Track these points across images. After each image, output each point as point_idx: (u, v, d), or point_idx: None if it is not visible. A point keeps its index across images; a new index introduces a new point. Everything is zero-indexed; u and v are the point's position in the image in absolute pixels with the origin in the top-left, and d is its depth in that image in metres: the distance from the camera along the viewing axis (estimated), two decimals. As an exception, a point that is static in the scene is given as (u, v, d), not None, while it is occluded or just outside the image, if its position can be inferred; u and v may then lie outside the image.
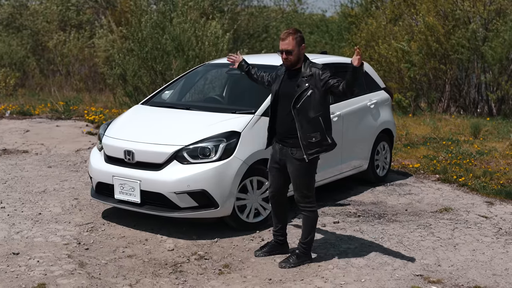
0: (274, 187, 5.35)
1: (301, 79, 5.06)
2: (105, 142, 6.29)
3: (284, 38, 5.08)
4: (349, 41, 18.79)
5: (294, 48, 5.06)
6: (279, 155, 5.22)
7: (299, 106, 5.02)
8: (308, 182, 5.17)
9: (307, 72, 5.05)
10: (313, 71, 5.05)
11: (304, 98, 5.01)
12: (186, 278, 4.98)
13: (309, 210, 5.22)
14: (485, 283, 4.96)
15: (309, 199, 5.19)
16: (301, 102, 5.01)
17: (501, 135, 11.77)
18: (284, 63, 5.15)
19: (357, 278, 4.99)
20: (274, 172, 5.31)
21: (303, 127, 5.02)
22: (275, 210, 5.44)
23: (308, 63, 5.12)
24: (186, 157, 5.80)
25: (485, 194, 7.68)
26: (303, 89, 5.02)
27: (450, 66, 15.37)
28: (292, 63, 5.10)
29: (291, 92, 5.08)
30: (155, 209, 5.87)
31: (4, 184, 7.52)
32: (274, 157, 5.28)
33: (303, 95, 5.01)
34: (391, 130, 8.30)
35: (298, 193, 5.19)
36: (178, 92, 7.36)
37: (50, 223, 6.17)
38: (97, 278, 4.90)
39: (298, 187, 5.17)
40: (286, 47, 5.06)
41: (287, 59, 5.09)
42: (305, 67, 5.10)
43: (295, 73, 5.14)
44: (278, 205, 5.40)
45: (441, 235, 6.06)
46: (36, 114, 12.55)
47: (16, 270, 5.00)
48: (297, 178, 5.15)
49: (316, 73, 5.03)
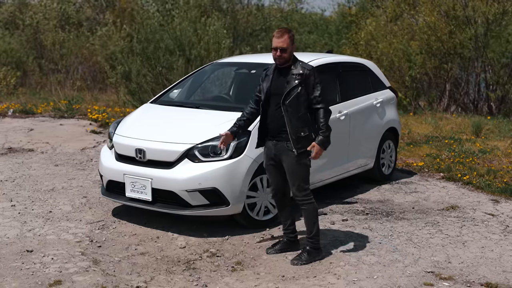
0: (274, 184, 5.43)
1: (291, 76, 5.16)
2: (115, 141, 6.33)
3: (279, 36, 5.15)
4: (349, 40, 18.84)
5: (288, 46, 5.15)
6: (274, 151, 5.29)
7: (288, 103, 5.13)
8: (303, 174, 5.25)
9: (297, 71, 5.16)
10: (303, 71, 5.15)
11: (293, 95, 5.12)
12: (199, 275, 5.03)
13: (307, 203, 5.29)
14: (496, 279, 5.02)
15: (306, 192, 5.27)
16: (290, 99, 5.12)
17: (502, 133, 11.86)
18: (276, 60, 5.22)
19: (369, 275, 5.04)
20: (272, 169, 5.39)
21: (292, 122, 5.13)
22: (279, 207, 5.51)
23: (298, 61, 5.24)
24: (197, 156, 5.85)
25: (490, 192, 7.75)
26: (292, 86, 5.13)
27: (451, 65, 15.45)
28: (285, 61, 5.18)
29: (281, 89, 5.18)
30: (167, 207, 5.92)
31: (12, 183, 7.55)
32: (269, 155, 5.36)
33: (293, 92, 5.12)
34: (397, 128, 8.36)
35: (295, 187, 5.26)
36: (186, 91, 7.40)
37: (62, 221, 6.20)
38: (112, 275, 4.94)
39: (294, 180, 5.24)
40: (282, 45, 5.14)
41: (281, 57, 5.17)
42: (295, 65, 5.21)
43: (285, 71, 5.23)
44: (281, 202, 5.48)
45: (449, 233, 6.12)
46: (38, 113, 12.57)
47: (31, 267, 5.04)
48: (293, 170, 5.22)
49: (306, 73, 5.14)
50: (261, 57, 8.00)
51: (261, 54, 9.58)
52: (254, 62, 7.47)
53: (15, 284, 4.72)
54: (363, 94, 7.79)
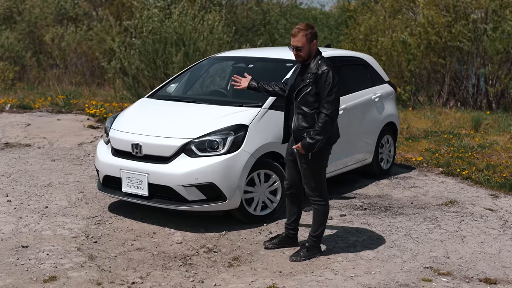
0: (290, 179, 5.38)
1: (307, 75, 5.08)
2: (112, 135, 6.28)
3: (295, 35, 5.07)
4: (347, 35, 18.78)
5: (304, 45, 5.05)
6: (291, 149, 5.27)
7: (299, 100, 5.08)
8: (316, 175, 5.17)
9: (313, 70, 5.05)
10: (318, 71, 5.01)
11: (303, 94, 5.05)
12: (196, 271, 4.99)
13: (319, 204, 5.23)
14: (495, 275, 4.98)
15: (319, 193, 5.20)
16: (300, 97, 5.07)
17: (501, 128, 11.81)
18: (295, 58, 5.18)
19: (367, 271, 5.00)
20: (289, 164, 5.36)
21: (298, 120, 5.09)
22: (290, 202, 5.46)
23: (317, 59, 5.07)
24: (194, 150, 5.80)
25: (489, 187, 7.71)
26: (304, 84, 5.06)
27: (449, 60, 15.39)
28: (304, 59, 5.11)
29: (297, 86, 5.12)
30: (163, 202, 5.87)
31: (8, 178, 7.50)
32: (289, 150, 5.34)
33: (303, 90, 5.05)
34: (395, 123, 8.31)
35: (308, 186, 5.21)
36: (184, 85, 7.35)
37: (57, 216, 6.16)
38: (108, 271, 4.90)
39: (307, 180, 5.18)
40: (296, 43, 5.07)
41: (297, 55, 5.11)
42: (314, 63, 5.08)
43: (305, 68, 5.16)
44: (293, 198, 5.42)
45: (448, 228, 6.09)
46: (36, 108, 12.50)
47: (26, 263, 4.99)
48: (305, 170, 5.16)
49: (319, 74, 4.99)
50: (258, 51, 7.96)
51: (259, 48, 9.53)
52: (251, 56, 7.43)
53: (10, 280, 4.67)
54: (362, 88, 7.74)
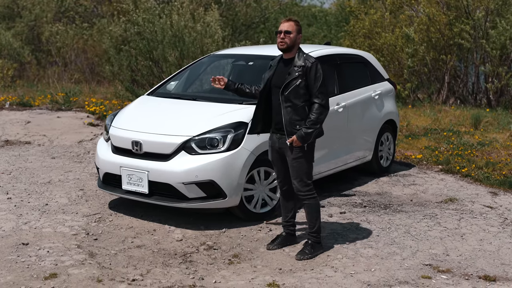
0: (281, 176, 5.39)
1: (293, 68, 5.12)
2: (112, 133, 6.28)
3: (286, 21, 5.18)
4: (348, 32, 18.76)
5: (293, 31, 5.13)
6: (278, 145, 5.26)
7: (286, 94, 5.09)
8: (307, 168, 5.20)
9: (300, 63, 5.10)
10: (305, 63, 5.09)
11: (292, 87, 5.07)
12: (196, 268, 5.00)
13: (310, 198, 5.25)
14: (494, 272, 4.99)
15: (309, 187, 5.24)
16: (288, 90, 5.08)
17: (501, 126, 11.81)
18: (279, 45, 5.17)
19: (366, 268, 5.01)
20: (277, 162, 5.36)
21: (289, 114, 5.09)
22: (285, 199, 5.47)
23: (302, 53, 5.18)
24: (194, 148, 5.81)
25: (488, 184, 7.72)
26: (292, 78, 5.08)
27: (450, 57, 15.38)
28: (288, 47, 5.13)
29: (281, 81, 5.14)
30: (163, 199, 5.88)
31: (9, 175, 7.51)
32: (274, 148, 5.34)
33: (292, 83, 5.08)
34: (395, 121, 8.31)
35: (298, 181, 5.22)
36: (183, 83, 7.36)
37: (58, 214, 6.17)
38: (108, 268, 4.91)
39: (297, 175, 5.20)
40: (286, 28, 5.13)
41: (283, 39, 5.12)
42: (299, 57, 5.15)
43: (288, 62, 5.19)
44: (287, 195, 5.43)
45: (447, 225, 6.10)
46: (36, 105, 12.50)
47: (26, 260, 5.00)
48: (296, 165, 5.17)
49: (308, 66, 5.07)
50: (258, 49, 7.96)
51: (259, 46, 9.52)
52: (251, 54, 7.43)
53: (10, 277, 4.69)
54: (361, 86, 7.75)
